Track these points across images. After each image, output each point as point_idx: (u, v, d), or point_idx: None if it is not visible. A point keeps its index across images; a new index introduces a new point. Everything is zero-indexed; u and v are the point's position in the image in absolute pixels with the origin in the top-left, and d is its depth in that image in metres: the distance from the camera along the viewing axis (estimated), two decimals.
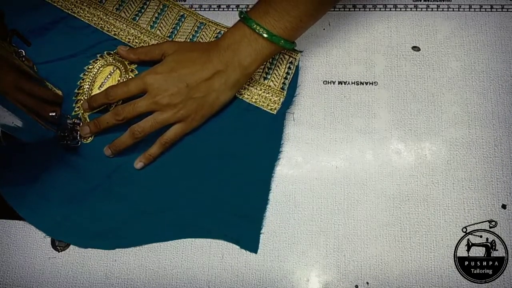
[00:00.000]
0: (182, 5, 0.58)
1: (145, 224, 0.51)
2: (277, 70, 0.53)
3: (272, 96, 0.53)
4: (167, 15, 0.57)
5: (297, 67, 0.53)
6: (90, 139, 0.53)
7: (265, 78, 0.53)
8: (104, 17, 0.57)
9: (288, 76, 0.53)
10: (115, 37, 0.56)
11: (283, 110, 0.53)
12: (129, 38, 0.56)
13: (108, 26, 0.57)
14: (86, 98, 0.54)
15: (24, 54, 0.45)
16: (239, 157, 0.52)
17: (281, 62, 0.54)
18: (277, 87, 0.53)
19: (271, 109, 0.53)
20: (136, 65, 0.55)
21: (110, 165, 0.52)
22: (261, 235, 0.50)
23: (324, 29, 0.56)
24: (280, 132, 0.52)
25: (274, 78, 0.53)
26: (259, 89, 0.53)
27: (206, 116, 0.52)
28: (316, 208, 0.51)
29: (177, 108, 0.50)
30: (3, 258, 0.51)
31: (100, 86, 0.55)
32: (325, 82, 0.55)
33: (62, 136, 0.51)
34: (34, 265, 0.51)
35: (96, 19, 0.57)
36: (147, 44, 0.56)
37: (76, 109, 0.54)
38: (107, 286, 0.50)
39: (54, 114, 0.46)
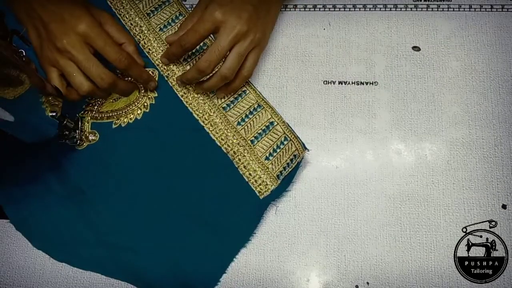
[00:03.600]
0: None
1: (98, 251, 0.50)
2: (280, 155, 0.51)
3: (266, 178, 0.51)
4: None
5: (298, 163, 0.51)
6: (84, 145, 0.53)
7: (266, 158, 0.51)
8: (146, 32, 0.56)
9: (288, 168, 0.51)
10: (147, 55, 0.55)
11: (269, 200, 0.50)
12: (158, 62, 0.55)
13: (145, 42, 0.56)
14: (96, 108, 0.54)
15: (24, 54, 0.45)
16: (210, 224, 0.50)
17: (287, 149, 0.51)
18: (274, 173, 0.51)
19: (259, 192, 0.50)
20: (156, 95, 0.54)
21: (89, 179, 0.52)
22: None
23: (324, 29, 0.56)
24: (257, 220, 0.50)
25: (275, 161, 0.51)
26: (258, 166, 0.51)
27: (272, 29, 0.53)
28: (316, 208, 0.51)
29: (253, 32, 0.49)
30: (3, 258, 0.51)
31: (114, 99, 0.54)
32: (325, 82, 0.55)
33: (61, 136, 0.51)
34: (34, 265, 0.51)
35: (137, 29, 0.56)
36: (174, 73, 0.55)
37: (82, 112, 0.54)
38: (107, 286, 0.50)
39: (54, 114, 0.46)
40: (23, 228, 0.52)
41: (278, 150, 0.52)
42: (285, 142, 0.52)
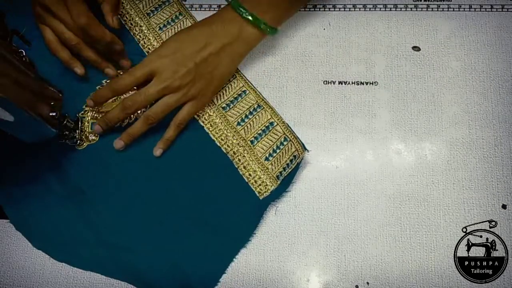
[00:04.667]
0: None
1: (98, 251, 0.50)
2: (280, 156, 0.51)
3: (266, 179, 0.50)
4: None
5: (298, 164, 0.51)
6: (84, 145, 0.53)
7: (266, 159, 0.51)
8: (146, 31, 0.56)
9: (287, 168, 0.51)
10: (147, 54, 0.55)
11: (269, 200, 0.50)
12: None
13: (145, 41, 0.56)
14: (96, 108, 0.54)
15: (24, 54, 0.45)
16: (209, 224, 0.50)
17: (286, 150, 0.51)
18: (274, 173, 0.50)
19: (259, 192, 0.50)
20: None
21: (89, 179, 0.52)
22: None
23: (324, 29, 0.56)
24: (257, 220, 0.50)
25: (275, 162, 0.51)
26: (257, 167, 0.51)
27: (215, 90, 0.52)
28: (316, 208, 0.51)
29: (187, 88, 0.49)
30: (3, 258, 0.51)
31: (114, 99, 0.54)
32: (325, 82, 0.55)
33: (61, 136, 0.51)
34: (34, 265, 0.51)
35: (137, 29, 0.56)
36: None
37: (83, 112, 0.54)
38: (107, 286, 0.50)
39: (54, 114, 0.46)
40: (23, 228, 0.52)
41: (278, 151, 0.51)
42: (285, 143, 0.52)
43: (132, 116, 0.53)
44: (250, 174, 0.51)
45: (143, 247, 0.50)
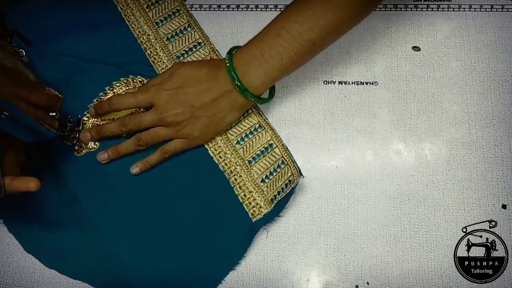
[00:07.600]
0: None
1: (89, 262, 0.50)
2: (276, 179, 0.51)
3: (260, 201, 0.50)
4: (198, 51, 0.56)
5: (293, 189, 0.50)
6: (83, 152, 0.53)
7: (262, 180, 0.50)
8: (153, 40, 0.56)
9: (282, 192, 0.50)
10: (152, 65, 0.55)
11: (261, 223, 0.49)
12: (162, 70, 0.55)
13: (151, 51, 0.56)
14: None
15: (24, 54, 0.45)
16: (203, 241, 0.50)
17: (283, 173, 0.50)
18: (269, 196, 0.50)
19: (252, 214, 0.49)
20: None
21: (86, 188, 0.51)
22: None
23: None
24: (248, 243, 0.50)
25: (270, 185, 0.50)
26: (253, 188, 0.50)
27: (211, 135, 0.51)
28: (317, 208, 0.51)
29: (180, 126, 0.49)
30: (3, 258, 0.51)
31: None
32: (325, 82, 0.55)
33: (62, 136, 0.51)
34: (34, 265, 0.51)
35: (144, 38, 0.56)
36: None
37: (85, 118, 0.54)
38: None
39: (54, 114, 0.46)
40: (15, 230, 0.51)
41: (274, 174, 0.51)
42: (282, 166, 0.51)
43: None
44: (245, 195, 0.50)
45: (135, 259, 0.49)
